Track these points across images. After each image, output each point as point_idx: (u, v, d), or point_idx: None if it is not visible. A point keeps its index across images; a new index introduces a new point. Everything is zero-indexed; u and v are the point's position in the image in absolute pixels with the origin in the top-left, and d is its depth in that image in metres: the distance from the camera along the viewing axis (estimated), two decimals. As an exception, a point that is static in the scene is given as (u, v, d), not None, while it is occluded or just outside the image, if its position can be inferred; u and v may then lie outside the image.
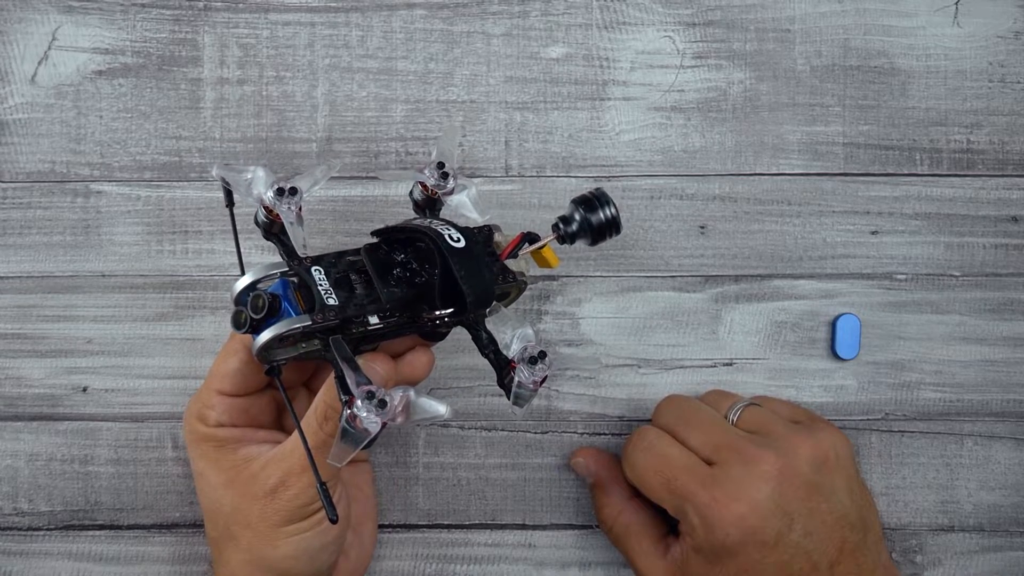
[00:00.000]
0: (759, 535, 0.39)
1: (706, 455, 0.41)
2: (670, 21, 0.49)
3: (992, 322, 0.49)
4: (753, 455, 0.40)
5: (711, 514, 0.39)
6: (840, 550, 0.40)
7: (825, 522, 0.40)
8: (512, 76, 0.49)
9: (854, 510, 0.41)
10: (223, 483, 0.41)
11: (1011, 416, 0.49)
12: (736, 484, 0.39)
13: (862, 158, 0.49)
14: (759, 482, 0.39)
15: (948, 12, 0.49)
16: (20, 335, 0.49)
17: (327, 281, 0.36)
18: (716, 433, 0.41)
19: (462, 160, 0.48)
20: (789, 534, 0.39)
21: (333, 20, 0.49)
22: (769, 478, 0.39)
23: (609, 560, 0.48)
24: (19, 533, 0.49)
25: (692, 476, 0.40)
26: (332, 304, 0.36)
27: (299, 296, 0.36)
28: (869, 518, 0.41)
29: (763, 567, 0.39)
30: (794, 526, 0.39)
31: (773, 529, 0.39)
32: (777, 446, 0.40)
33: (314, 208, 0.48)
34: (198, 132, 0.49)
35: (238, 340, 0.42)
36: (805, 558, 0.39)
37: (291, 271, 0.37)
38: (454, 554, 0.48)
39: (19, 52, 0.49)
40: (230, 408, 0.42)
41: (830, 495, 0.40)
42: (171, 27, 0.49)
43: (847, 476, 0.41)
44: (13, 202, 0.49)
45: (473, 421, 0.49)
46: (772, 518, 0.39)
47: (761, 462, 0.39)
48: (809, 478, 0.40)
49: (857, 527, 0.40)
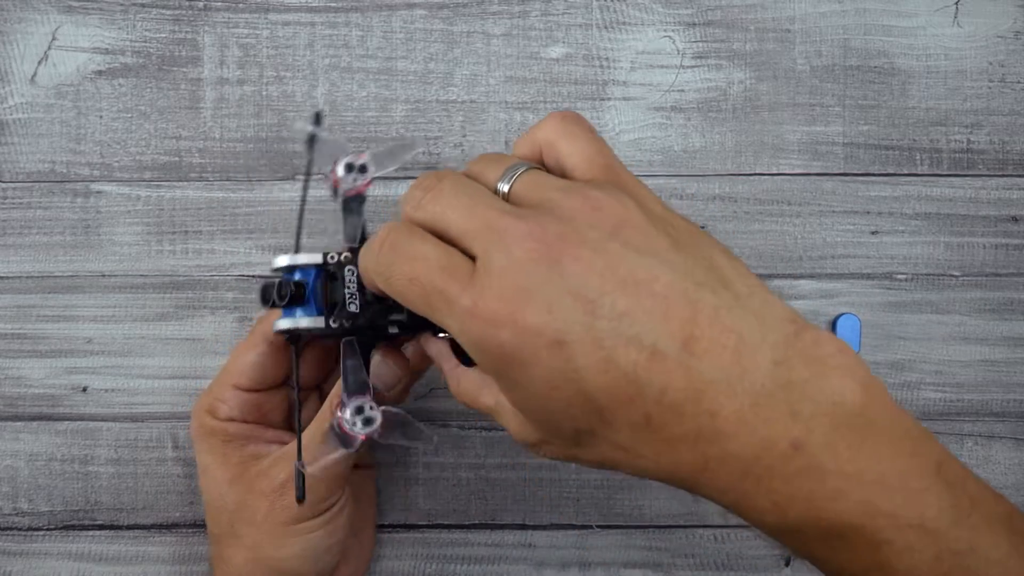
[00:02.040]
0: (544, 334, 0.28)
1: (466, 246, 0.30)
2: (670, 21, 0.49)
3: (992, 322, 0.49)
4: (516, 232, 0.29)
5: (472, 322, 0.29)
6: (691, 321, 0.28)
7: (651, 293, 0.28)
8: (512, 76, 0.49)
9: (692, 264, 0.29)
10: (230, 479, 0.41)
11: (1011, 416, 0.49)
12: (499, 275, 0.29)
13: (862, 158, 0.49)
14: (526, 265, 0.28)
15: (948, 12, 0.49)
16: (20, 335, 0.49)
17: (355, 284, 0.36)
18: (476, 213, 0.30)
19: (462, 160, 0.48)
20: (593, 321, 0.28)
21: (333, 20, 0.49)
22: (538, 258, 0.28)
23: (609, 560, 0.48)
24: (19, 533, 0.49)
25: (450, 277, 0.30)
26: (351, 312, 0.36)
27: (326, 290, 0.36)
28: (726, 273, 0.30)
29: (573, 371, 0.28)
30: (598, 310, 0.28)
31: (562, 321, 0.28)
32: (550, 216, 0.29)
33: (314, 208, 0.48)
34: (198, 132, 0.49)
35: (259, 334, 0.41)
36: (633, 345, 0.28)
37: (326, 264, 0.36)
38: (454, 554, 0.48)
39: (19, 52, 0.49)
40: (243, 403, 0.42)
41: (646, 261, 0.29)
42: (171, 27, 0.49)
43: (663, 232, 0.30)
44: (13, 202, 0.49)
45: (473, 421, 0.49)
46: (557, 308, 0.28)
47: (525, 239, 0.29)
48: (603, 246, 0.29)
49: (706, 283, 0.29)
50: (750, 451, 0.28)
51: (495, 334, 0.29)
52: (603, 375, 0.28)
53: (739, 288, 0.29)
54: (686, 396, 0.28)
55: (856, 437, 0.29)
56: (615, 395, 0.28)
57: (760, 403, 0.28)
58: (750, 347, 0.28)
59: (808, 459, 0.28)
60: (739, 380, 0.28)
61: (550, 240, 0.29)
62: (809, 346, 0.29)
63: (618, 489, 0.49)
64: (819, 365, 0.29)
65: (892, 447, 0.29)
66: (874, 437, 0.29)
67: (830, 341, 0.29)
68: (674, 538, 0.48)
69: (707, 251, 0.30)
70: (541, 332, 0.28)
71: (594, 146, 0.32)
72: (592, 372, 0.28)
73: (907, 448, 0.30)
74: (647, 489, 0.49)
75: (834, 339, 0.30)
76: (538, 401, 0.30)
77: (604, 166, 0.32)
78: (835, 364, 0.29)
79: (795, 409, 0.28)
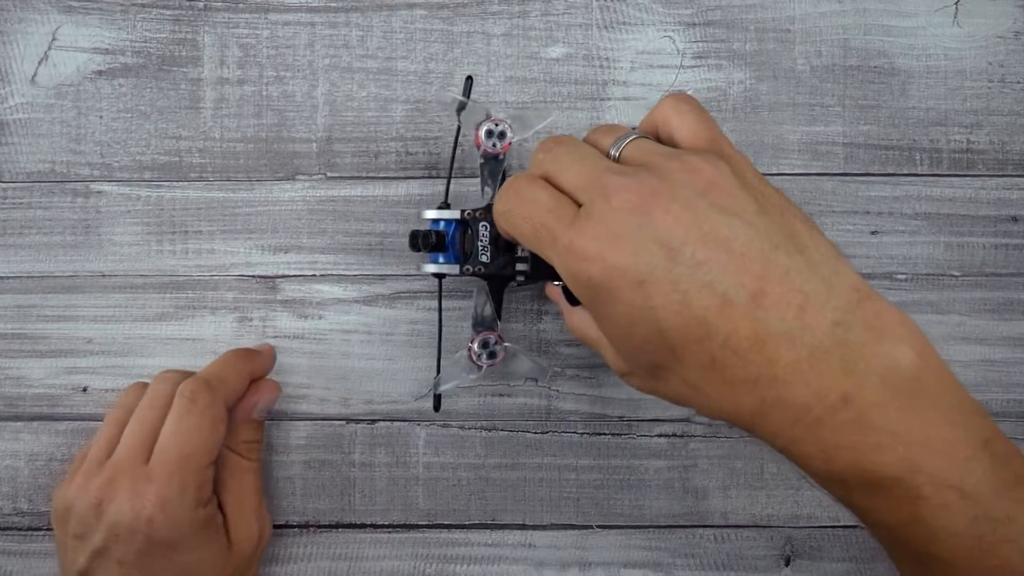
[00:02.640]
0: (628, 273, 0.31)
1: (576, 197, 0.34)
2: (670, 21, 0.49)
3: (992, 322, 0.49)
4: (616, 186, 0.32)
5: (569, 257, 0.33)
6: (762, 277, 0.31)
7: (729, 249, 0.31)
8: (512, 76, 0.49)
9: (772, 229, 0.32)
10: (223, 559, 0.43)
11: (1011, 416, 0.49)
12: (597, 220, 0.32)
13: (862, 158, 0.49)
14: (621, 214, 0.32)
15: (948, 12, 0.49)
16: (20, 335, 0.49)
17: (488, 237, 0.43)
18: (585, 170, 0.34)
19: (462, 160, 0.48)
20: (673, 267, 0.31)
21: (333, 20, 0.49)
22: (632, 208, 0.32)
23: (609, 560, 0.48)
24: (19, 533, 0.49)
25: (557, 219, 0.34)
26: (483, 261, 0.43)
27: (464, 240, 0.43)
28: (803, 239, 0.32)
29: (650, 309, 0.31)
30: (678, 257, 0.31)
31: (645, 263, 0.31)
32: (649, 174, 0.33)
33: (314, 208, 0.49)
34: (198, 132, 0.49)
35: (220, 407, 0.43)
36: (707, 291, 0.31)
37: (463, 219, 0.43)
38: (454, 554, 0.48)
39: (19, 52, 0.49)
40: (210, 480, 0.43)
41: (729, 220, 0.31)
42: (171, 27, 0.49)
43: (751, 197, 0.33)
44: (13, 202, 0.49)
45: (473, 421, 0.49)
46: (643, 252, 0.31)
47: (624, 191, 0.32)
48: (692, 203, 0.32)
49: (782, 247, 0.31)
50: (802, 399, 0.30)
51: (586, 268, 0.32)
52: (677, 315, 0.31)
53: (812, 254, 0.32)
54: (749, 343, 0.30)
55: (906, 400, 0.30)
56: (686, 335, 0.31)
57: (816, 356, 0.30)
58: (814, 307, 0.31)
59: (856, 413, 0.30)
60: (799, 334, 0.30)
61: (645, 194, 0.32)
62: (871, 315, 0.31)
63: (618, 489, 0.49)
64: (878, 332, 0.31)
65: (941, 415, 0.31)
66: (924, 403, 0.31)
67: (892, 312, 0.32)
68: (674, 538, 0.48)
69: (789, 219, 0.33)
70: (625, 271, 0.31)
71: (701, 121, 0.36)
72: (667, 312, 0.31)
73: (957, 419, 0.31)
74: (647, 489, 0.49)
75: (896, 311, 0.32)
76: (622, 334, 0.33)
77: (708, 138, 0.35)
78: (894, 332, 0.31)
79: (848, 366, 0.30)
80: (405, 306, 0.48)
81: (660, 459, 0.49)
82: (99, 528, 0.40)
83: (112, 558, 0.40)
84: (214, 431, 0.42)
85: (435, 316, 0.48)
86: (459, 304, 0.48)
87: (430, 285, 0.48)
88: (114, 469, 0.41)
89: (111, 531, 0.40)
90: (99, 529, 0.40)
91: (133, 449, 0.42)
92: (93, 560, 0.40)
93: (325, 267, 0.49)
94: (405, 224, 0.48)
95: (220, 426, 0.43)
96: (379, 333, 0.48)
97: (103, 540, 0.40)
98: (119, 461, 0.41)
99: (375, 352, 0.48)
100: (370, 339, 0.48)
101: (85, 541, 0.41)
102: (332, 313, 0.49)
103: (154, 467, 0.41)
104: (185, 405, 0.42)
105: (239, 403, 0.45)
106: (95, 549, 0.40)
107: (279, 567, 0.48)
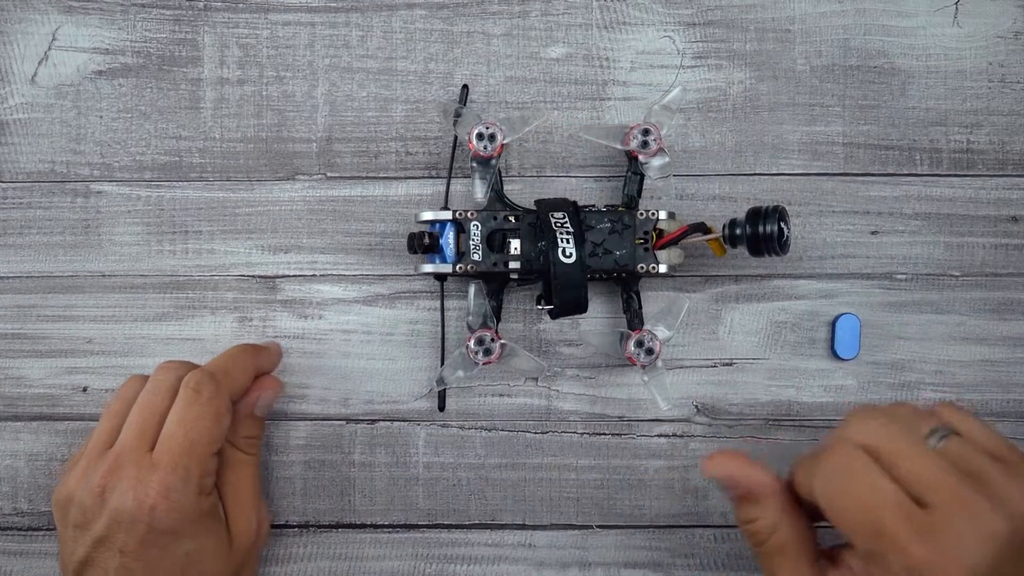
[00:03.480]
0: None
1: (918, 492, 0.35)
2: (670, 21, 0.49)
3: (992, 322, 0.49)
4: (978, 509, 0.34)
5: (925, 571, 0.33)
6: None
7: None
8: (512, 76, 0.49)
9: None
10: (226, 550, 0.43)
11: (1011, 416, 0.49)
12: (958, 542, 0.33)
13: (862, 158, 0.49)
14: (985, 544, 0.33)
15: (948, 12, 0.49)
16: (20, 335, 0.49)
17: (479, 237, 0.44)
18: (931, 467, 0.35)
19: (462, 160, 0.48)
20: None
21: (333, 20, 0.49)
22: (995, 540, 0.33)
23: (609, 560, 0.48)
24: (19, 533, 0.49)
25: (906, 521, 0.34)
26: (475, 260, 0.44)
27: (459, 240, 0.45)
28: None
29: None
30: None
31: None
32: (1003, 503, 0.34)
33: (314, 208, 0.48)
34: (198, 132, 0.49)
35: (224, 399, 0.43)
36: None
37: (456, 220, 0.45)
38: (454, 554, 0.48)
39: (19, 52, 0.49)
40: (213, 470, 0.43)
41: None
42: (171, 27, 0.49)
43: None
44: (13, 202, 0.49)
45: (473, 421, 0.49)
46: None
47: (988, 522, 0.34)
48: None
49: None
50: None
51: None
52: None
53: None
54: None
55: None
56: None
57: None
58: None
59: None
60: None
61: (1005, 527, 0.33)
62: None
63: (618, 489, 0.49)
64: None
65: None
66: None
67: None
68: (674, 538, 0.48)
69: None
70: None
71: (989, 430, 0.39)
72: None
73: None
74: (647, 489, 0.49)
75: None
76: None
77: (1009, 448, 0.38)
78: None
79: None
80: (405, 306, 0.48)
81: (660, 459, 0.49)
82: (101, 516, 0.40)
83: (113, 546, 0.40)
84: (218, 422, 0.42)
85: (435, 316, 0.48)
86: (461, 304, 0.48)
87: (430, 285, 0.48)
88: (117, 457, 0.41)
89: (113, 519, 0.40)
90: (101, 517, 0.40)
91: (137, 437, 0.41)
92: (94, 549, 0.40)
93: (325, 267, 0.49)
94: (405, 224, 0.48)
95: (224, 418, 0.42)
96: (379, 333, 0.48)
97: (105, 528, 0.40)
98: (122, 449, 0.41)
99: (375, 352, 0.48)
100: (370, 339, 0.48)
101: (86, 530, 0.40)
102: (332, 313, 0.49)
103: (159, 455, 0.40)
104: (190, 395, 0.42)
105: (242, 398, 0.45)
106: (96, 538, 0.40)
107: (279, 567, 0.48)
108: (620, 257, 0.45)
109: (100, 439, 0.43)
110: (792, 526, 0.39)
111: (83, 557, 0.40)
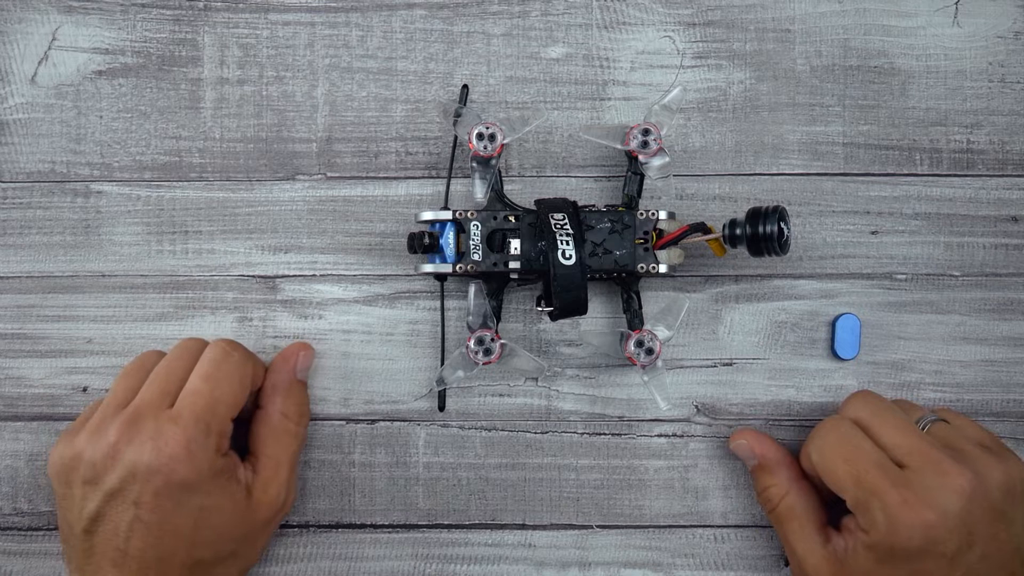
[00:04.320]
0: (940, 546, 0.38)
1: (898, 457, 0.41)
2: (670, 21, 0.49)
3: (992, 322, 0.49)
4: (948, 468, 0.39)
5: (899, 514, 0.39)
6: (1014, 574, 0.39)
7: (1002, 550, 0.39)
8: (512, 76, 0.49)
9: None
10: (240, 512, 0.42)
11: (1011, 416, 0.49)
12: (928, 491, 0.39)
13: (862, 158, 0.49)
14: (952, 495, 0.39)
15: (948, 12, 0.49)
16: (20, 335, 0.49)
17: (479, 237, 0.44)
18: (910, 437, 0.41)
19: (462, 160, 0.48)
20: (968, 553, 0.39)
21: (333, 20, 0.49)
22: (962, 494, 0.39)
23: (609, 560, 0.48)
24: (19, 533, 0.49)
25: (884, 473, 0.40)
26: (475, 259, 0.44)
27: (459, 240, 0.45)
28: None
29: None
30: (974, 547, 0.39)
31: (954, 544, 0.38)
32: (970, 465, 0.40)
33: (314, 208, 0.49)
34: (198, 132, 0.49)
35: (250, 367, 0.44)
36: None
37: (455, 219, 0.45)
38: (454, 554, 0.48)
39: (19, 52, 0.49)
40: (230, 432, 0.43)
41: (1011, 525, 0.40)
42: (171, 27, 0.49)
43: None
44: (13, 202, 0.49)
45: (473, 421, 0.49)
46: (956, 533, 0.38)
47: (956, 476, 0.39)
48: (997, 504, 0.39)
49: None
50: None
51: (911, 526, 0.38)
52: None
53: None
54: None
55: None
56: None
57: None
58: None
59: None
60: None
61: (970, 482, 0.39)
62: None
63: (618, 489, 0.49)
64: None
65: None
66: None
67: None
68: (674, 538, 0.48)
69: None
70: (938, 543, 0.38)
71: (978, 426, 0.45)
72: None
73: None
74: (647, 489, 0.49)
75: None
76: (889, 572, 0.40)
77: (994, 440, 0.44)
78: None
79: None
80: (405, 306, 0.48)
81: (660, 459, 0.49)
82: (114, 469, 0.40)
83: (127, 499, 0.39)
84: (243, 387, 0.43)
85: (435, 316, 0.48)
86: (461, 304, 0.48)
87: (430, 285, 0.48)
88: (136, 411, 0.41)
89: (129, 471, 0.39)
90: (114, 470, 0.40)
91: (159, 395, 0.41)
92: (106, 503, 0.40)
93: (325, 267, 0.49)
94: (405, 224, 0.48)
95: (247, 387, 0.43)
96: (379, 333, 0.49)
97: (119, 481, 0.39)
98: (141, 404, 0.41)
99: (375, 352, 0.48)
100: (370, 339, 0.48)
101: (97, 485, 0.40)
102: (332, 313, 0.49)
103: (181, 409, 0.41)
104: (220, 354, 0.43)
105: (282, 364, 0.46)
106: (109, 490, 0.39)
107: (279, 567, 0.48)
108: (620, 257, 0.45)
109: (116, 398, 0.43)
110: (800, 493, 0.44)
111: (94, 512, 0.40)
